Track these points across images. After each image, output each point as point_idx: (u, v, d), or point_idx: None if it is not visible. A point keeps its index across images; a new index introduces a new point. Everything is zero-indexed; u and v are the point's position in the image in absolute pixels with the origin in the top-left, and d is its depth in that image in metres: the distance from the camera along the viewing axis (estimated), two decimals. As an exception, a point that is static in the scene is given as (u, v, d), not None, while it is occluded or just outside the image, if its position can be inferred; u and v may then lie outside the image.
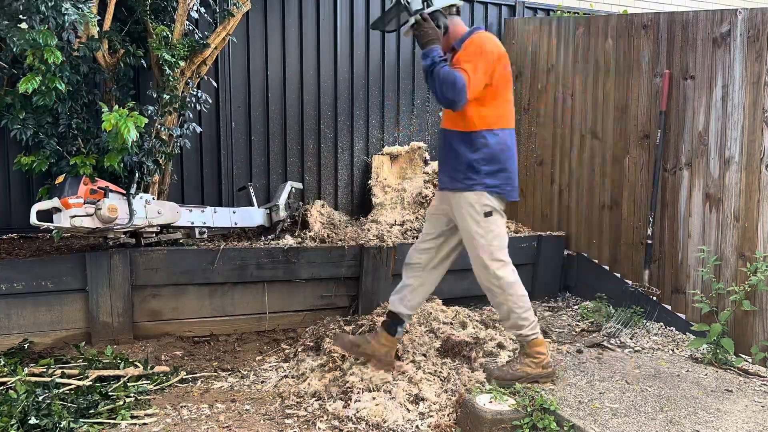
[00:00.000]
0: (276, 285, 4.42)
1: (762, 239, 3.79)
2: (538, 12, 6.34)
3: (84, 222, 3.53)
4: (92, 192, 3.61)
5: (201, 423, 3.13)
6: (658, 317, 4.48)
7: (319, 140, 5.49)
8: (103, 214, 3.60)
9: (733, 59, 3.97)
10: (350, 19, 5.53)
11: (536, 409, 3.01)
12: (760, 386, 3.48)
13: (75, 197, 3.51)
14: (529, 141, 5.81)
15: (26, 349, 3.77)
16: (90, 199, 3.57)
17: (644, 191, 4.63)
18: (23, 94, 3.51)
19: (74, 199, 3.50)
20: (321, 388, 3.43)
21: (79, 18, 3.34)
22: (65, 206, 3.46)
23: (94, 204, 3.58)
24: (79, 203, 3.51)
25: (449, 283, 4.92)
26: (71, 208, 3.49)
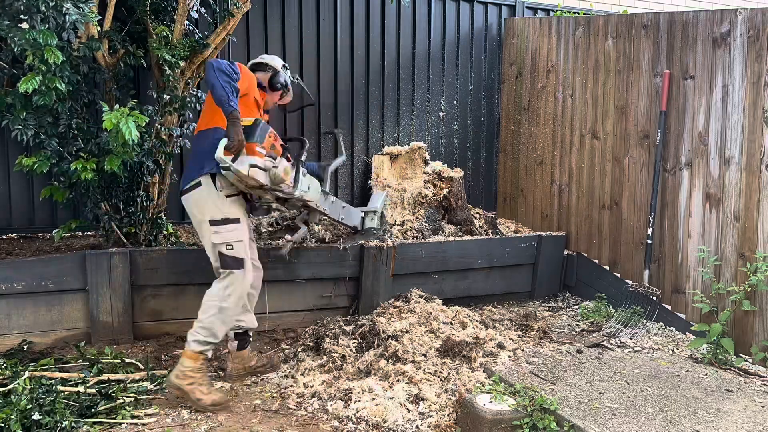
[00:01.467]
0: (276, 285, 4.42)
1: (762, 239, 3.79)
2: (538, 12, 6.34)
3: (258, 175, 3.27)
4: (272, 147, 3.36)
5: (201, 423, 3.13)
6: (658, 317, 4.48)
7: (319, 140, 5.49)
8: (277, 174, 3.35)
9: (733, 59, 3.97)
10: (350, 19, 5.53)
11: (536, 409, 3.01)
12: (760, 386, 3.48)
13: (260, 146, 3.26)
14: (529, 141, 5.82)
15: (26, 350, 3.77)
16: (271, 153, 3.34)
17: (644, 191, 4.63)
18: (23, 93, 3.51)
19: (259, 147, 3.25)
20: (321, 388, 3.43)
21: (79, 18, 3.34)
22: (249, 151, 3.21)
23: (274, 159, 3.35)
24: (261, 153, 3.26)
25: (449, 283, 4.95)
26: (253, 156, 3.23)
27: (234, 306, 3.35)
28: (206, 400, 3.22)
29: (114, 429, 3.06)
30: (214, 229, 3.33)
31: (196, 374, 3.25)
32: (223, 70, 3.17)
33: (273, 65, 3.76)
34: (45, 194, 4.05)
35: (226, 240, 3.32)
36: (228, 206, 3.35)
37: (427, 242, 4.87)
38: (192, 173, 3.38)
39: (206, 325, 3.28)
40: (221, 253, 3.33)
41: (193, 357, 3.27)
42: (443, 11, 5.91)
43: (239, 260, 3.34)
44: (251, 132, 3.27)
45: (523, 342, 4.12)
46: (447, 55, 5.95)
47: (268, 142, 3.33)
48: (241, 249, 3.35)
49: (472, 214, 5.50)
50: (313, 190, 3.83)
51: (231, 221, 3.34)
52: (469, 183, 6.07)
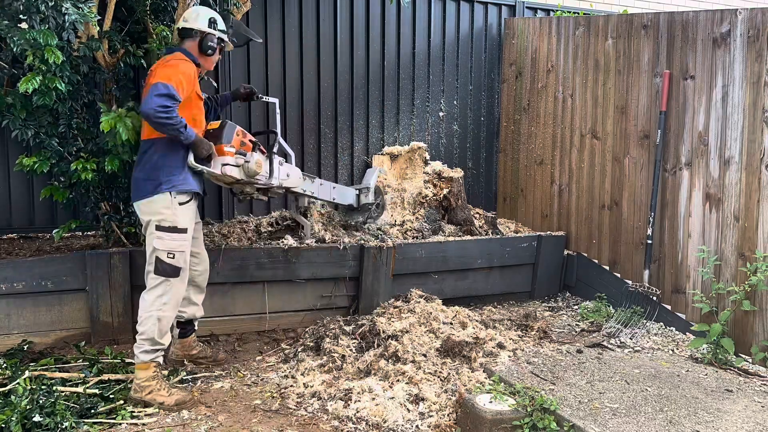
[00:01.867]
0: (276, 285, 4.42)
1: (762, 239, 3.79)
2: (538, 12, 6.34)
3: (233, 172, 3.51)
4: (242, 144, 3.56)
5: (201, 423, 3.13)
6: (658, 317, 4.48)
7: (319, 140, 5.49)
8: (250, 167, 3.56)
9: (733, 59, 3.97)
10: (350, 19, 5.52)
11: (536, 409, 3.01)
12: (760, 386, 3.48)
13: (229, 145, 3.47)
14: (529, 141, 5.82)
15: (26, 350, 3.77)
16: (241, 150, 3.54)
17: (644, 191, 4.63)
18: (23, 93, 3.51)
19: (228, 147, 3.47)
20: (321, 388, 3.43)
21: (79, 18, 3.34)
22: (219, 153, 3.43)
23: (244, 156, 3.55)
24: (231, 152, 3.48)
25: (449, 283, 4.95)
26: (224, 156, 3.46)
27: (171, 312, 3.35)
28: (169, 401, 3.24)
29: (114, 429, 3.06)
30: (159, 234, 3.31)
31: (152, 382, 3.27)
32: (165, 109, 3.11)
33: (198, 27, 3.50)
34: (45, 194, 4.05)
35: (169, 248, 3.30)
36: (179, 214, 3.32)
37: (427, 242, 4.87)
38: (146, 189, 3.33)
39: (147, 336, 3.29)
40: (160, 260, 3.29)
41: (144, 367, 3.29)
42: (443, 11, 5.91)
43: (177, 269, 3.33)
44: (219, 135, 3.49)
45: (523, 342, 4.12)
46: (447, 55, 5.95)
47: (236, 140, 3.53)
48: (182, 259, 3.34)
49: (472, 214, 5.50)
50: (293, 176, 4.02)
51: (178, 230, 3.32)
52: (469, 183, 6.07)
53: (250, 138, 3.67)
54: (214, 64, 3.66)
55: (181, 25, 3.55)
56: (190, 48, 3.51)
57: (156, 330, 3.29)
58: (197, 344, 3.85)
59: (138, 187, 3.37)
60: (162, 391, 3.27)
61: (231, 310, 4.33)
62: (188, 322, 3.77)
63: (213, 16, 3.55)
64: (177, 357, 3.80)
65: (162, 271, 3.30)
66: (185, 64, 3.35)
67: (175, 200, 3.32)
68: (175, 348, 3.80)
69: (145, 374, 3.28)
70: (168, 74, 3.21)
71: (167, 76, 3.19)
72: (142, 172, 3.37)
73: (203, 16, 3.52)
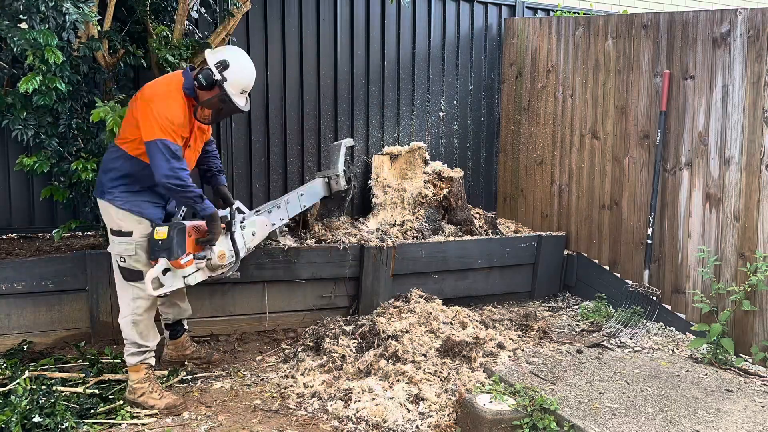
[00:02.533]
0: (276, 285, 4.42)
1: (762, 239, 3.79)
2: (538, 12, 6.34)
3: (198, 278, 3.32)
4: (197, 242, 3.30)
5: (201, 423, 3.13)
6: (658, 317, 4.48)
7: (319, 140, 5.49)
8: (214, 264, 3.37)
9: (733, 59, 3.97)
10: (350, 19, 5.52)
11: (536, 409, 3.01)
12: (760, 386, 3.48)
13: (185, 255, 3.21)
14: (529, 141, 5.81)
15: (26, 350, 3.77)
16: (199, 254, 3.30)
17: (644, 191, 4.63)
18: (23, 93, 3.51)
19: (184, 258, 3.21)
20: (321, 388, 3.43)
21: (79, 18, 3.33)
22: (177, 267, 3.21)
23: (204, 258, 3.32)
24: (189, 261, 3.24)
25: (449, 283, 4.95)
26: (183, 269, 3.23)
27: (147, 315, 3.32)
28: (160, 404, 3.24)
29: (114, 429, 3.06)
30: (111, 239, 3.31)
31: (144, 384, 3.27)
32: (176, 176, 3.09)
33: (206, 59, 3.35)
34: (45, 194, 4.04)
35: (118, 252, 3.28)
36: (121, 218, 3.27)
37: (427, 242, 4.87)
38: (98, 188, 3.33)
39: (131, 341, 3.29)
40: (118, 264, 3.29)
41: (135, 370, 3.29)
42: (443, 11, 5.91)
43: (134, 272, 3.27)
44: (169, 247, 3.17)
45: (523, 342, 4.12)
46: (447, 55, 5.95)
47: (189, 243, 3.24)
48: (134, 262, 3.26)
49: (472, 214, 5.50)
50: (259, 231, 3.73)
51: (123, 234, 3.26)
52: (469, 183, 6.07)
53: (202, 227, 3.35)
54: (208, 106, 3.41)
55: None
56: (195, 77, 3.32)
57: (135, 333, 3.27)
58: (190, 344, 3.84)
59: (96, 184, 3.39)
60: (153, 393, 3.27)
61: (231, 310, 4.33)
62: (176, 323, 3.75)
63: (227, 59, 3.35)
64: (171, 358, 3.79)
65: (125, 276, 3.29)
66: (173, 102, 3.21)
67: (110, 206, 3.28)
68: (169, 349, 3.79)
69: (137, 376, 3.28)
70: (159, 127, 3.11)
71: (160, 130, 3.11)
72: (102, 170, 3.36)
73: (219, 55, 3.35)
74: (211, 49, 3.47)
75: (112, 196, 3.27)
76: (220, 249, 3.39)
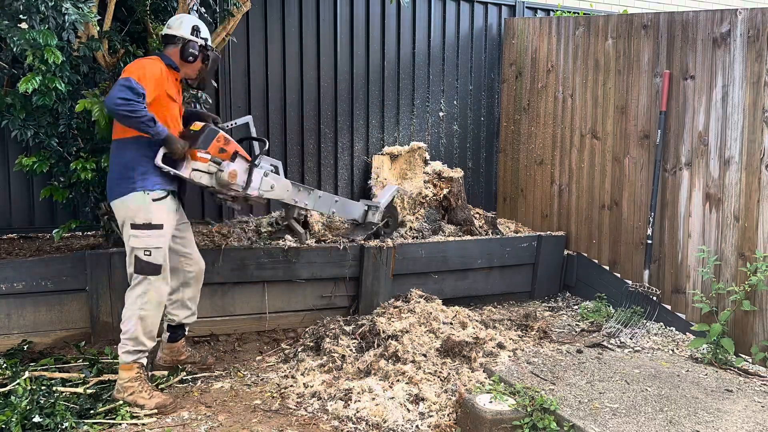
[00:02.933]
0: (276, 285, 4.42)
1: (762, 239, 3.79)
2: (538, 12, 6.34)
3: (202, 179, 3.45)
4: (221, 151, 3.48)
5: (201, 423, 3.13)
6: (658, 317, 4.48)
7: (319, 140, 5.49)
8: (222, 177, 3.49)
9: (733, 59, 3.97)
10: (350, 19, 5.52)
11: (536, 409, 3.01)
12: (760, 386, 3.48)
13: (203, 151, 3.41)
14: (529, 141, 5.82)
15: (26, 350, 3.77)
16: (216, 158, 3.46)
17: (644, 191, 4.63)
18: (23, 93, 3.51)
19: (202, 153, 3.40)
20: (321, 388, 3.43)
21: (79, 18, 3.33)
22: (192, 157, 3.39)
23: (219, 164, 3.48)
24: (204, 158, 3.41)
25: (449, 283, 4.95)
26: (196, 161, 3.41)
27: (154, 312, 3.31)
28: (149, 404, 3.22)
29: (114, 429, 3.06)
30: (134, 233, 3.28)
31: (134, 383, 3.25)
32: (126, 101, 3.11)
33: (181, 35, 3.48)
34: (45, 194, 4.04)
35: (146, 245, 3.26)
36: (152, 211, 3.29)
37: (427, 242, 4.87)
38: (120, 188, 3.31)
39: (131, 336, 3.27)
40: (138, 258, 3.27)
41: (127, 368, 3.27)
42: (443, 11, 5.91)
43: (156, 267, 3.28)
44: (196, 138, 3.42)
45: (523, 342, 4.12)
46: (447, 55, 5.95)
47: (214, 146, 3.45)
48: (159, 256, 3.29)
49: (472, 214, 5.50)
50: (278, 188, 3.85)
51: (153, 227, 3.28)
52: (469, 183, 6.07)
53: (233, 145, 3.56)
54: (196, 72, 3.59)
55: (164, 31, 3.53)
56: (171, 54, 3.48)
57: (139, 329, 3.26)
58: (186, 349, 3.78)
59: (111, 187, 3.35)
60: (143, 393, 3.24)
61: (231, 310, 4.33)
62: (179, 326, 3.70)
63: (197, 24, 3.53)
64: (165, 362, 3.71)
65: (141, 270, 3.27)
66: (153, 63, 3.34)
67: (148, 197, 3.28)
68: (163, 353, 3.71)
69: (128, 375, 3.26)
70: (130, 69, 3.25)
71: (128, 71, 3.23)
72: (115, 171, 3.35)
73: (186, 24, 3.50)
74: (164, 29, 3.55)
75: (142, 183, 3.27)
76: (234, 168, 3.51)
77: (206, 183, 3.48)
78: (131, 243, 3.29)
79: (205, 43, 3.55)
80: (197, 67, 3.57)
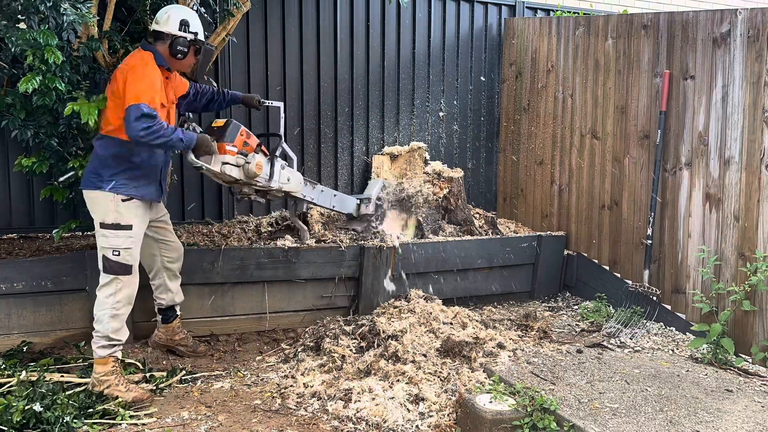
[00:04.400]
0: (276, 285, 4.42)
1: (762, 239, 3.79)
2: (538, 12, 6.34)
3: (232, 171, 3.56)
4: (245, 144, 3.62)
5: (200, 423, 3.13)
6: (658, 317, 4.48)
7: (319, 140, 5.49)
8: (250, 169, 3.59)
9: (733, 59, 3.97)
10: (350, 19, 5.52)
11: (536, 409, 3.01)
12: (760, 386, 3.48)
13: (231, 144, 3.53)
14: (529, 141, 5.81)
15: (26, 350, 3.76)
16: (243, 151, 3.59)
17: (644, 191, 4.63)
18: (23, 93, 3.50)
19: (230, 146, 3.53)
20: (321, 388, 3.43)
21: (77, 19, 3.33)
22: (220, 151, 3.50)
23: (246, 156, 3.60)
24: (233, 151, 3.54)
25: (449, 283, 4.95)
26: (225, 155, 3.51)
27: (126, 309, 3.36)
28: (126, 396, 3.24)
29: (114, 429, 3.06)
30: (103, 232, 3.30)
31: (110, 377, 3.28)
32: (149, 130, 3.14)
33: (168, 31, 3.40)
34: (45, 194, 4.04)
35: (113, 245, 3.28)
36: (121, 212, 3.30)
37: (427, 242, 4.87)
38: (92, 180, 3.33)
39: (104, 333, 3.30)
40: (106, 257, 3.29)
41: (102, 362, 3.30)
42: (443, 11, 5.91)
43: (126, 266, 3.31)
44: (222, 133, 3.55)
45: (523, 342, 4.12)
46: (447, 55, 5.95)
47: (239, 140, 3.59)
48: (128, 256, 3.31)
49: (472, 214, 5.50)
50: (294, 181, 4.00)
51: (121, 227, 3.29)
52: (469, 183, 6.07)
53: (254, 139, 3.71)
54: (189, 67, 3.56)
55: (152, 27, 3.48)
56: (162, 51, 3.43)
57: (111, 327, 3.30)
58: (180, 330, 3.91)
59: (86, 177, 3.38)
60: (120, 386, 3.27)
61: (231, 310, 4.33)
62: (169, 308, 3.82)
63: (184, 17, 3.43)
64: (160, 340, 3.89)
65: (110, 269, 3.29)
66: (152, 73, 3.28)
67: (117, 197, 3.29)
68: (159, 332, 3.88)
69: (104, 369, 3.29)
70: (137, 93, 3.18)
71: (137, 96, 3.17)
72: (91, 164, 3.38)
73: (174, 19, 3.41)
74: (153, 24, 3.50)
75: (112, 185, 3.27)
76: (260, 159, 3.66)
77: (236, 176, 3.58)
78: (100, 242, 3.32)
79: (195, 36, 3.46)
80: (189, 62, 3.52)
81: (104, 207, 3.29)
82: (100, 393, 3.25)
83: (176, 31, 3.40)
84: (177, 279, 3.83)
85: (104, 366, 3.29)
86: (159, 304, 3.82)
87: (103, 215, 3.29)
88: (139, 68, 3.28)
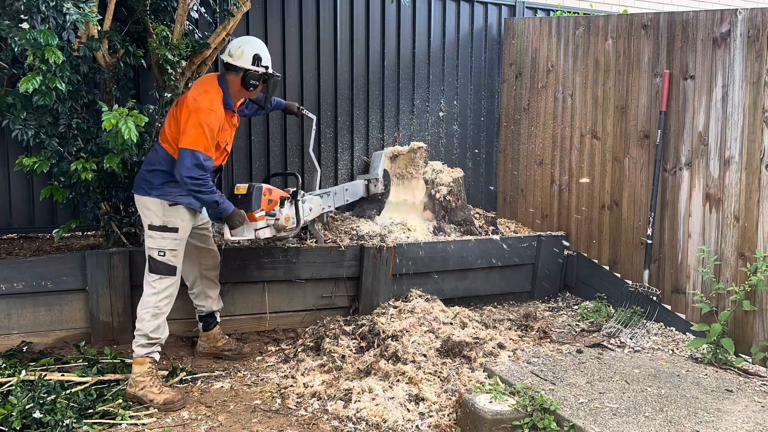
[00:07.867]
0: (276, 285, 4.42)
1: (762, 239, 3.79)
2: (538, 12, 6.34)
3: (265, 233, 3.74)
4: (269, 202, 3.77)
5: (200, 423, 3.13)
6: (658, 317, 4.48)
7: (319, 140, 5.49)
8: (280, 224, 3.80)
9: (733, 59, 3.97)
10: (350, 19, 5.52)
11: (536, 409, 3.01)
12: (760, 386, 3.49)
13: (259, 210, 3.67)
14: (529, 141, 5.82)
15: (26, 350, 3.76)
16: (269, 211, 3.75)
17: (644, 191, 4.63)
18: (24, 93, 3.50)
19: (258, 212, 3.67)
20: (321, 388, 3.43)
21: (80, 18, 3.33)
22: (251, 219, 3.63)
23: (273, 215, 3.77)
24: (262, 216, 3.69)
25: (449, 283, 4.95)
26: (256, 222, 3.66)
27: (167, 307, 3.47)
28: (158, 399, 3.29)
29: (114, 429, 3.06)
30: (150, 233, 3.42)
31: (146, 378, 3.34)
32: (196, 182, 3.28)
33: (242, 65, 3.49)
34: (45, 194, 4.05)
35: (159, 246, 3.40)
36: (168, 215, 3.42)
37: (427, 242, 4.87)
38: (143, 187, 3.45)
39: (145, 332, 3.38)
40: (152, 258, 3.40)
41: (140, 362, 3.37)
42: (443, 11, 5.91)
43: (170, 267, 3.42)
44: (248, 201, 3.65)
45: (523, 342, 4.13)
46: (447, 55, 5.95)
47: (264, 202, 3.70)
48: (173, 257, 3.42)
49: (472, 214, 5.50)
50: (315, 207, 4.20)
51: (168, 230, 3.41)
52: (469, 183, 6.07)
53: (276, 192, 3.82)
54: (256, 95, 3.74)
55: (225, 59, 3.55)
56: (231, 82, 3.51)
57: (152, 325, 3.38)
58: (222, 336, 3.99)
59: (138, 182, 3.51)
60: (153, 388, 3.32)
61: (231, 310, 4.33)
62: (209, 315, 3.92)
63: (257, 52, 3.52)
64: (204, 350, 3.96)
65: (155, 269, 3.41)
66: (214, 121, 3.34)
67: (164, 202, 3.42)
68: (202, 341, 3.95)
69: (141, 369, 3.35)
70: (196, 139, 3.27)
71: (195, 142, 3.27)
72: (143, 169, 3.51)
73: (248, 54, 3.49)
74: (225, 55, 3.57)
75: (161, 192, 3.41)
76: (287, 213, 3.84)
77: (269, 235, 3.77)
78: (147, 243, 3.44)
79: (266, 70, 3.57)
80: (258, 91, 3.67)
81: (153, 211, 3.42)
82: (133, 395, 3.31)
83: (249, 66, 3.50)
84: (216, 287, 3.92)
85: (141, 366, 3.35)
86: (199, 311, 3.91)
87: (152, 218, 3.42)
88: (203, 114, 3.32)
